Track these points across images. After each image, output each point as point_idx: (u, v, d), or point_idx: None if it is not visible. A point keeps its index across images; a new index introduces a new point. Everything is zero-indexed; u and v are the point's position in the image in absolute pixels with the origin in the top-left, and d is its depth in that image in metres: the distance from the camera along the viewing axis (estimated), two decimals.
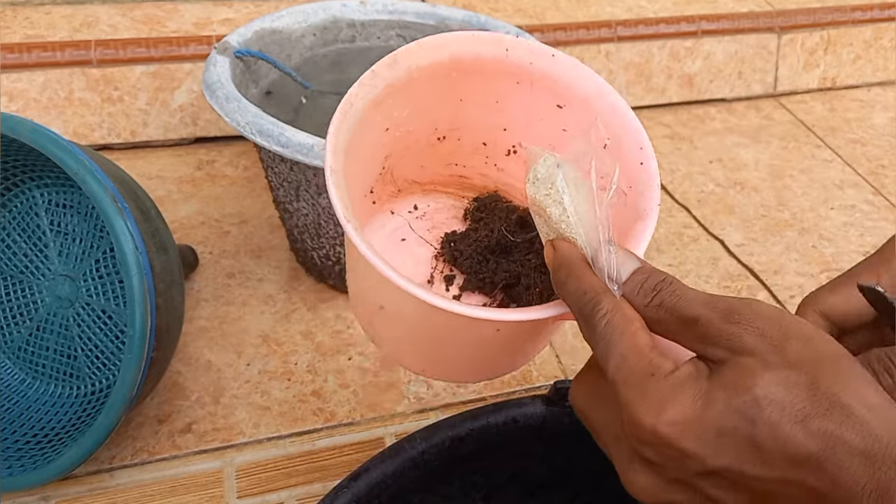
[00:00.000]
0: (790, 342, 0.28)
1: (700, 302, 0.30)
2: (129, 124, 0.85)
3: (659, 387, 0.29)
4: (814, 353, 0.28)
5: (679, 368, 0.29)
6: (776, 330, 0.28)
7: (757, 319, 0.29)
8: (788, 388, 0.27)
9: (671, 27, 0.99)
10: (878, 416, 0.26)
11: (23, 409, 0.57)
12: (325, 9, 0.73)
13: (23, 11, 0.87)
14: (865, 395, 0.27)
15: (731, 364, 0.29)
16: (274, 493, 0.54)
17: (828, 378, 0.27)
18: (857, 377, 0.27)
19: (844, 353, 0.28)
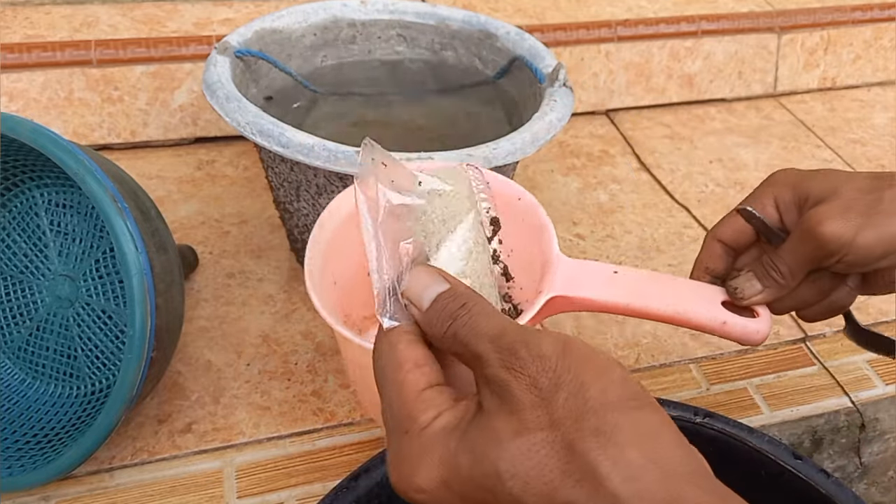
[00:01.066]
0: (559, 393, 0.26)
1: (488, 337, 0.28)
2: (129, 124, 0.85)
3: (410, 447, 0.28)
4: (579, 407, 0.26)
5: (437, 418, 0.28)
6: (548, 378, 0.26)
7: (532, 365, 0.27)
8: (537, 457, 0.25)
9: (671, 27, 0.98)
10: (633, 486, 0.24)
11: (23, 409, 0.57)
12: (326, 8, 0.73)
13: (23, 11, 0.87)
14: (628, 459, 0.24)
15: (486, 422, 0.27)
16: (274, 493, 0.54)
17: (586, 440, 0.25)
18: (619, 436, 0.25)
19: (613, 403, 0.26)
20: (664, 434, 0.26)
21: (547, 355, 0.27)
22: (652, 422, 0.26)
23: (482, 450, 0.26)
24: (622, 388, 0.26)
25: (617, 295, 0.47)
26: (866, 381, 0.67)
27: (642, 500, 0.24)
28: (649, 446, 0.25)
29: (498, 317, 0.29)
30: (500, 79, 0.73)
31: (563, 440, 0.25)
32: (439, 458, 0.27)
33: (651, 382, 0.65)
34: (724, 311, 0.47)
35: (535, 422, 0.26)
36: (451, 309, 0.30)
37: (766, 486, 0.45)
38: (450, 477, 0.27)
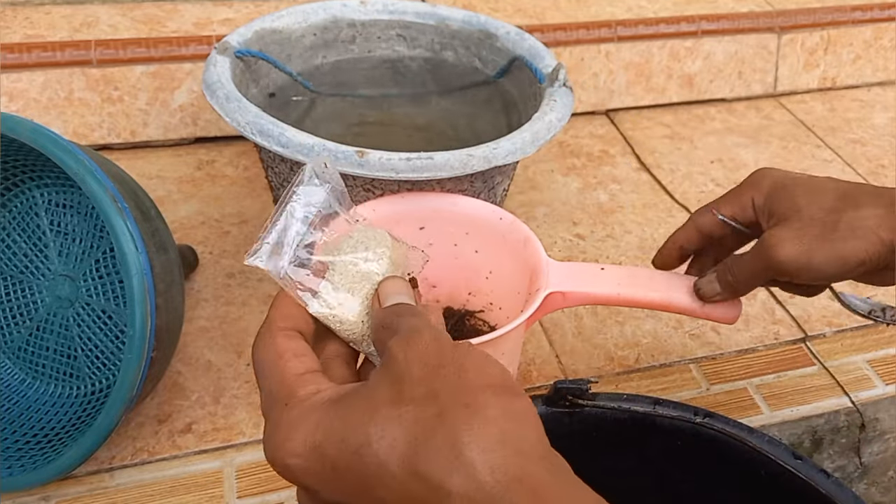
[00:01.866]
0: (443, 370, 0.28)
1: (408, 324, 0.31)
2: (129, 124, 0.85)
3: (289, 416, 0.29)
4: (456, 384, 0.27)
5: (318, 393, 0.29)
6: (436, 358, 0.28)
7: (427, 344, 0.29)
8: (406, 424, 0.27)
9: (671, 27, 0.98)
10: (488, 458, 0.25)
11: (23, 409, 0.57)
12: (326, 9, 0.73)
13: (23, 11, 0.87)
14: (487, 433, 0.26)
15: (366, 391, 0.28)
16: (274, 493, 0.54)
17: (457, 412, 0.26)
18: (487, 412, 0.27)
19: (488, 385, 0.28)
20: (528, 421, 0.27)
21: (441, 341, 0.29)
22: (519, 408, 0.27)
23: (357, 415, 0.28)
24: (498, 378, 0.28)
25: (607, 287, 0.52)
26: (866, 381, 0.67)
27: (494, 472, 0.25)
28: (511, 427, 0.26)
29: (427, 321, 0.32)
30: (500, 79, 0.73)
31: (435, 410, 0.27)
32: (315, 422, 0.28)
33: (651, 382, 0.65)
34: None
35: (411, 393, 0.27)
36: (403, 311, 0.33)
37: (766, 486, 0.45)
38: (323, 440, 0.28)
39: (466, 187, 0.59)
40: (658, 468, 0.49)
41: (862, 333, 0.71)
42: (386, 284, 0.35)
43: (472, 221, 0.57)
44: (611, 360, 0.66)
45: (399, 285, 0.35)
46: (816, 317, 0.72)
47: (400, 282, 0.35)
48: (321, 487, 0.28)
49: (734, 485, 0.46)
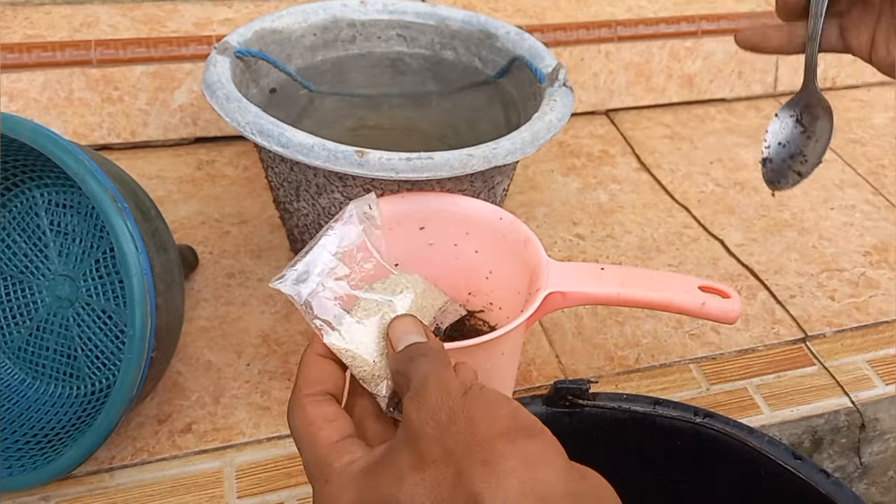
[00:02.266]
0: (453, 426, 0.28)
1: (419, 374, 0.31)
2: (129, 124, 0.85)
3: (330, 491, 0.30)
4: (469, 439, 0.28)
5: (352, 464, 0.31)
6: (446, 412, 0.29)
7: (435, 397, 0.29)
8: (430, 487, 0.28)
9: (671, 27, 0.98)
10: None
11: (23, 409, 0.57)
12: (326, 9, 0.72)
13: (23, 11, 0.87)
14: (507, 486, 0.27)
15: (390, 457, 0.29)
16: (274, 493, 0.54)
17: (473, 469, 0.27)
18: (503, 464, 0.27)
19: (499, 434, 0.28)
20: (546, 461, 0.28)
21: (448, 390, 0.30)
22: (534, 451, 0.28)
23: (386, 484, 0.29)
24: (510, 420, 0.28)
25: (607, 286, 0.52)
26: (866, 381, 0.67)
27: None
28: (529, 474, 0.27)
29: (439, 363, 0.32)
30: (500, 79, 0.73)
31: (454, 470, 0.27)
32: (352, 498, 0.29)
33: (651, 382, 0.65)
34: (702, 294, 0.53)
35: (430, 454, 0.28)
36: (416, 353, 0.33)
37: (766, 486, 0.45)
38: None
39: (466, 187, 0.59)
40: (658, 468, 0.49)
41: (862, 333, 0.71)
42: (396, 325, 0.35)
43: (472, 221, 0.57)
44: (611, 360, 0.66)
45: (408, 324, 0.35)
46: (816, 317, 0.72)
47: (409, 320, 0.36)
48: None
49: (734, 485, 0.46)
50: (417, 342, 0.34)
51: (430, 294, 0.39)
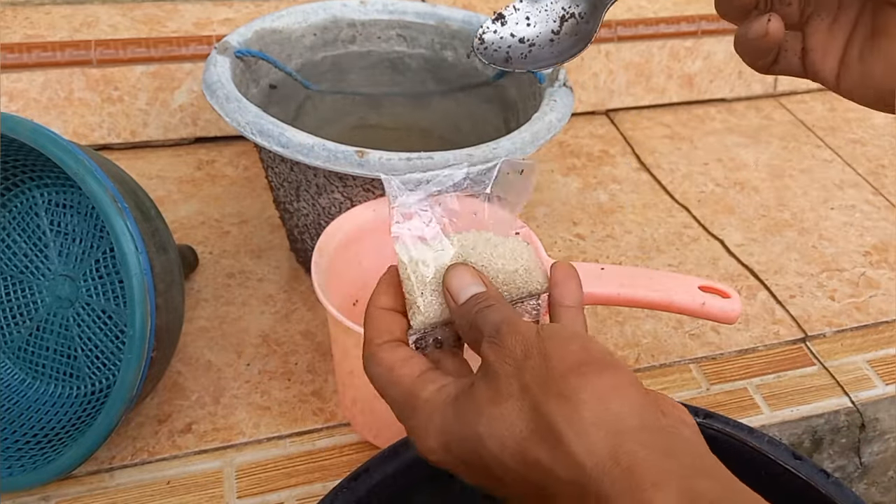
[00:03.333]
0: (528, 362, 0.30)
1: (491, 321, 0.32)
2: (129, 124, 0.85)
3: (419, 419, 0.32)
4: (543, 374, 0.29)
5: (439, 390, 0.32)
6: (521, 350, 0.30)
7: (508, 338, 0.31)
8: (509, 421, 0.29)
9: (671, 27, 0.98)
10: (584, 442, 0.27)
11: (23, 409, 0.57)
12: (326, 9, 0.73)
13: (23, 11, 0.87)
14: (580, 418, 0.27)
15: (472, 392, 0.31)
16: (274, 493, 0.54)
17: (549, 402, 0.28)
18: (577, 396, 0.28)
19: (572, 368, 0.29)
20: (617, 393, 0.28)
21: (521, 332, 0.31)
22: (607, 384, 0.28)
23: (467, 417, 0.30)
24: (581, 354, 0.29)
25: (608, 286, 0.53)
26: (866, 381, 0.67)
27: (591, 454, 0.26)
28: (601, 406, 0.28)
29: (507, 312, 0.33)
30: (500, 79, 0.73)
31: (530, 404, 0.29)
32: (439, 425, 0.31)
33: (651, 382, 0.65)
34: (702, 293, 0.53)
35: (507, 390, 0.29)
36: (480, 305, 0.34)
37: (766, 486, 0.45)
38: (449, 441, 0.31)
39: None
40: None
41: (862, 333, 0.71)
42: (452, 276, 0.35)
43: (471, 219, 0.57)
44: None
45: (466, 275, 0.35)
46: (816, 317, 0.72)
47: (465, 270, 0.35)
48: (462, 475, 0.31)
49: None
50: (477, 293, 0.34)
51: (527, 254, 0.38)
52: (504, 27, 0.39)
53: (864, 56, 0.36)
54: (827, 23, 0.37)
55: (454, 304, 0.35)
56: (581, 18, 0.38)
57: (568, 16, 0.38)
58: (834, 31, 0.37)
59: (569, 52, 0.37)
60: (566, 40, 0.38)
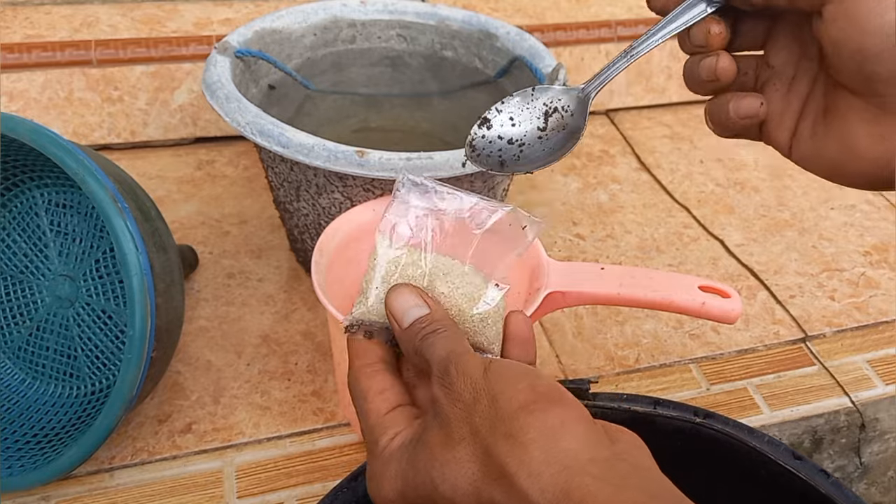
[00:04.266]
0: (478, 405, 0.30)
1: (437, 357, 0.32)
2: (129, 124, 0.85)
3: (376, 465, 0.32)
4: (492, 416, 0.29)
5: (394, 438, 0.32)
6: (469, 393, 0.30)
7: (458, 381, 0.31)
8: (461, 465, 0.29)
9: None
10: (537, 482, 0.27)
11: (23, 409, 0.57)
12: (326, 8, 0.73)
13: (23, 11, 0.87)
14: (530, 458, 0.28)
15: (426, 437, 0.31)
16: (274, 493, 0.54)
17: (499, 444, 0.28)
18: (525, 436, 0.28)
19: (520, 408, 0.29)
20: (566, 430, 0.28)
21: (469, 373, 0.31)
22: (555, 420, 0.29)
23: (421, 463, 0.30)
24: (529, 393, 0.29)
25: (607, 286, 0.52)
26: (866, 381, 0.67)
27: (543, 493, 0.27)
28: (551, 444, 0.28)
29: (454, 341, 0.33)
30: (500, 79, 0.73)
31: (482, 447, 0.29)
32: (394, 473, 0.31)
33: (651, 382, 0.65)
34: (702, 293, 0.53)
35: (458, 434, 0.30)
36: (423, 332, 0.33)
37: (766, 486, 0.45)
38: (404, 488, 0.31)
39: (466, 187, 0.59)
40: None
41: (862, 333, 0.71)
42: (394, 299, 0.35)
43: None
44: (611, 360, 0.66)
45: (407, 296, 0.35)
46: (816, 317, 0.72)
47: (406, 291, 0.35)
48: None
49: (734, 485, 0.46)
50: (421, 316, 0.34)
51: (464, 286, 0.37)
52: (490, 130, 0.39)
53: (816, 132, 0.36)
54: (781, 93, 0.37)
55: (398, 327, 0.34)
56: (566, 111, 0.38)
57: (551, 110, 0.37)
58: (788, 101, 0.37)
59: (561, 149, 0.37)
60: (554, 136, 0.37)
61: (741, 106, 0.37)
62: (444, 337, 0.33)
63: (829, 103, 0.35)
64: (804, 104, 0.37)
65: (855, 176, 0.35)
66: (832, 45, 0.33)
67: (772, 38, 0.37)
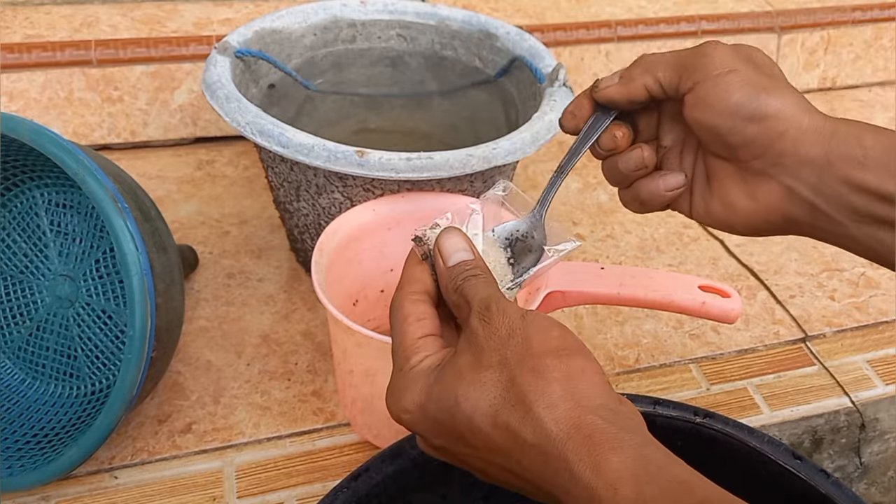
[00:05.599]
0: (511, 340, 0.33)
1: (479, 296, 0.35)
2: (129, 124, 0.85)
3: (403, 380, 0.35)
4: (523, 352, 0.32)
5: (424, 360, 0.35)
6: (506, 329, 0.33)
7: (496, 318, 0.34)
8: (486, 387, 0.32)
9: (671, 27, 0.98)
10: (553, 413, 0.30)
11: (23, 409, 0.57)
12: (326, 8, 0.73)
13: (23, 11, 0.87)
14: (551, 392, 0.31)
15: (455, 359, 0.34)
16: (274, 493, 0.54)
17: (524, 376, 0.32)
18: (549, 374, 0.32)
19: (549, 350, 0.32)
20: (585, 377, 0.32)
21: (509, 313, 0.34)
22: (577, 366, 0.32)
23: (448, 380, 0.33)
24: (559, 341, 0.33)
25: (607, 286, 0.53)
26: (866, 381, 0.67)
27: (556, 423, 0.30)
28: (570, 384, 0.31)
29: (493, 287, 0.36)
30: (500, 79, 0.73)
31: (508, 375, 0.32)
32: (420, 387, 0.34)
33: (651, 382, 0.65)
34: (702, 293, 0.53)
35: (488, 361, 0.33)
36: (467, 273, 0.36)
37: (766, 486, 0.45)
38: (425, 401, 0.34)
39: (466, 187, 0.59)
40: None
41: (862, 333, 0.71)
42: (445, 239, 0.38)
43: None
44: (611, 360, 0.66)
45: (457, 240, 0.38)
46: (816, 317, 0.72)
47: (458, 235, 0.38)
48: (429, 435, 0.35)
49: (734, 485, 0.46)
50: (465, 259, 0.37)
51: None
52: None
53: (704, 196, 0.43)
54: (675, 167, 0.44)
55: (442, 265, 0.37)
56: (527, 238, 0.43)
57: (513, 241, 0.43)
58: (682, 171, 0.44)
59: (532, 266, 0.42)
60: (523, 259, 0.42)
61: (669, 182, 0.44)
62: (484, 281, 0.36)
63: (710, 171, 0.43)
64: (693, 174, 0.44)
65: (742, 227, 0.43)
66: (695, 125, 0.41)
67: (661, 125, 0.45)
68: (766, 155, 0.40)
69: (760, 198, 0.41)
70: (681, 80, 0.41)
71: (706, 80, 0.40)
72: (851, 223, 0.39)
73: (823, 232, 0.41)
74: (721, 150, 0.41)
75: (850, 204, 0.39)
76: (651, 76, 0.42)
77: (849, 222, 0.39)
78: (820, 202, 0.39)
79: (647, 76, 0.42)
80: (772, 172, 0.40)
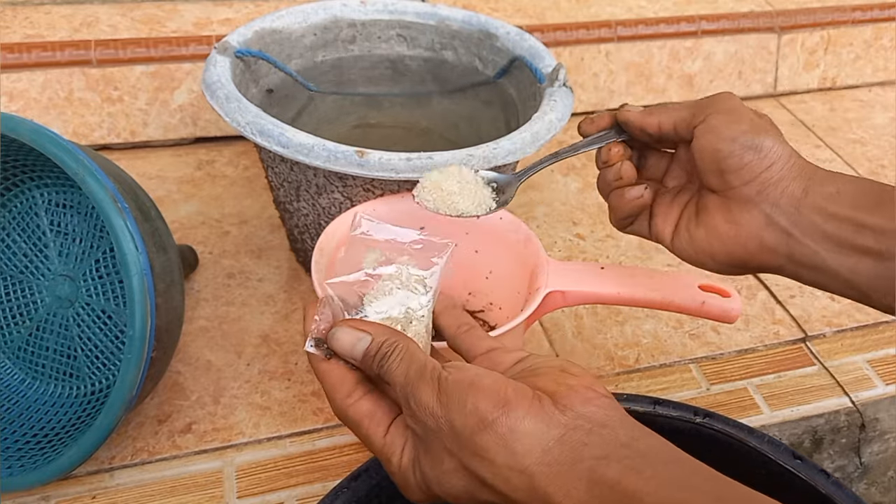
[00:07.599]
0: (441, 433, 0.35)
1: (399, 385, 0.37)
2: (129, 124, 0.85)
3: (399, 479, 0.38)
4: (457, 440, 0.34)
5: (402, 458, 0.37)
6: (432, 421, 0.35)
7: (420, 413, 0.36)
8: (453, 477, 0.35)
9: (671, 27, 0.98)
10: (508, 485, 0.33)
11: (23, 409, 0.57)
12: (326, 8, 0.73)
13: (23, 11, 0.87)
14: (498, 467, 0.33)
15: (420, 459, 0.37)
16: (274, 493, 0.54)
17: (472, 462, 0.34)
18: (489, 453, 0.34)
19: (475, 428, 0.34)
20: (515, 435, 0.34)
21: (425, 403, 0.36)
22: (504, 430, 0.34)
23: (429, 477, 0.36)
24: (474, 415, 0.34)
25: (607, 286, 0.53)
26: (866, 381, 0.67)
27: (516, 492, 0.33)
28: (508, 454, 0.33)
29: (406, 361, 0.37)
30: (500, 79, 0.73)
31: (460, 463, 0.35)
32: (415, 484, 0.37)
33: (651, 382, 0.65)
34: (702, 293, 0.53)
35: (439, 454, 0.35)
36: (377, 360, 0.38)
37: (765, 486, 0.45)
38: (427, 494, 0.37)
39: None
40: None
41: (862, 333, 0.71)
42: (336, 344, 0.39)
43: (472, 221, 0.57)
44: (611, 360, 0.66)
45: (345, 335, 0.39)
46: (816, 317, 0.72)
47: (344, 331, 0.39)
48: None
49: None
50: (366, 346, 0.38)
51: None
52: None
53: (689, 226, 0.48)
54: (668, 202, 0.50)
55: (355, 362, 0.39)
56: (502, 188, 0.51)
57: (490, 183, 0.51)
58: (674, 205, 0.50)
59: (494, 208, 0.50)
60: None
61: (632, 192, 0.50)
62: (396, 360, 0.38)
63: (700, 206, 0.48)
64: (684, 209, 0.49)
65: (720, 254, 0.47)
66: (699, 152, 0.46)
67: (670, 171, 0.51)
68: (755, 181, 0.45)
69: (742, 223, 0.45)
70: (694, 116, 0.47)
71: (718, 113, 0.46)
72: (826, 252, 0.43)
73: (797, 265, 0.45)
74: (714, 174, 0.46)
75: (824, 231, 0.43)
76: (668, 117, 0.48)
77: (823, 251, 0.43)
78: (795, 231, 0.44)
79: (664, 115, 0.49)
80: (756, 200, 0.45)
